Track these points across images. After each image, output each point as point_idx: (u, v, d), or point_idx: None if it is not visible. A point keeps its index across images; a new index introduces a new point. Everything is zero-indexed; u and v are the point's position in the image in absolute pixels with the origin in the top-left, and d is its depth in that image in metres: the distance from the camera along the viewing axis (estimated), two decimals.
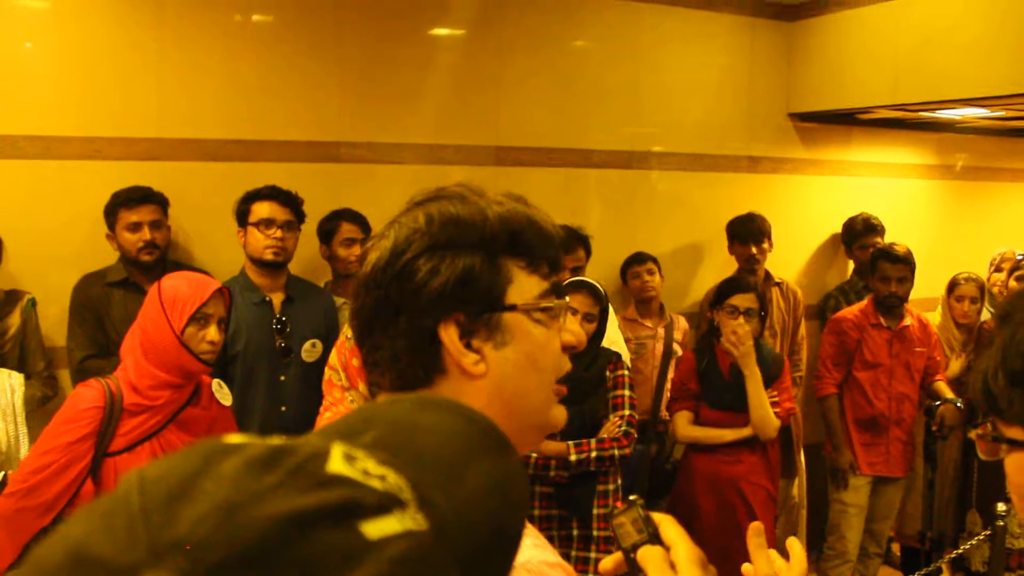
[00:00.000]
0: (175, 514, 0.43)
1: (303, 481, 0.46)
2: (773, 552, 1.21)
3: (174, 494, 0.44)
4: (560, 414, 1.11)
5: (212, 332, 2.49)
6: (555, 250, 1.09)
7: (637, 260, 4.60)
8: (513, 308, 1.04)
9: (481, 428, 0.59)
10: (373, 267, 1.04)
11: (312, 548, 0.43)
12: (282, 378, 3.46)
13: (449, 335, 1.01)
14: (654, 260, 4.60)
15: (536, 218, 1.07)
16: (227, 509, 0.43)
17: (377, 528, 0.46)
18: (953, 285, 4.83)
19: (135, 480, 0.46)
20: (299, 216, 3.56)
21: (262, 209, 3.47)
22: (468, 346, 1.02)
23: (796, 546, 1.25)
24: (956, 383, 4.62)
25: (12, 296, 3.45)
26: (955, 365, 4.75)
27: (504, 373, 1.03)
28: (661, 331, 4.53)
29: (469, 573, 0.51)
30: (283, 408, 3.46)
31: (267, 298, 3.48)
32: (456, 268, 1.01)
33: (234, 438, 0.50)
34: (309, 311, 3.57)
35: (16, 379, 3.07)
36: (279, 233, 3.46)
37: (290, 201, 3.52)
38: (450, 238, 1.01)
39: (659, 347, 4.50)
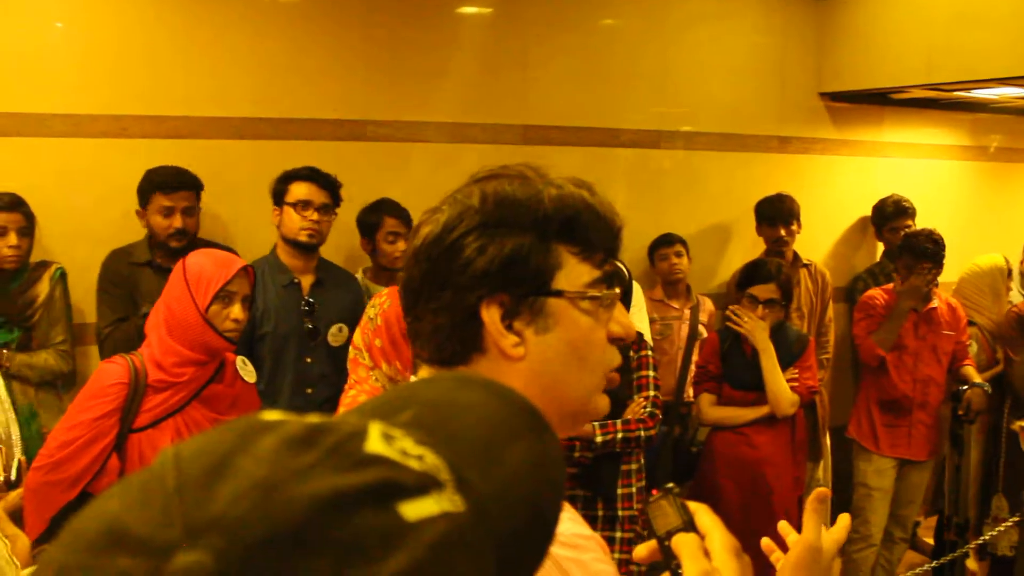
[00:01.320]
0: (211, 492, 0.43)
1: (341, 460, 0.46)
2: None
3: (210, 471, 0.44)
4: (603, 404, 1.10)
5: (236, 310, 2.50)
6: (612, 240, 1.07)
7: (666, 242, 4.57)
8: (560, 294, 1.02)
9: (520, 408, 0.58)
10: (424, 240, 1.04)
11: (351, 529, 0.43)
12: (309, 360, 3.47)
13: (491, 314, 1.01)
14: (683, 242, 4.56)
15: (595, 205, 1.06)
16: (265, 488, 0.43)
17: (416, 509, 0.45)
18: None
19: (171, 457, 0.46)
20: (336, 199, 3.55)
21: (300, 190, 3.45)
22: (509, 328, 1.02)
23: (844, 519, 1.28)
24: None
25: (41, 266, 3.48)
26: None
27: (544, 359, 1.02)
28: (687, 312, 4.51)
29: (506, 554, 0.51)
30: (309, 391, 3.47)
31: (296, 280, 3.49)
32: (504, 248, 1.00)
33: (271, 415, 0.49)
34: (338, 295, 3.56)
35: None
36: (316, 216, 3.46)
37: (329, 184, 3.51)
38: (501, 218, 1.01)
39: (685, 328, 4.49)
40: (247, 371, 2.67)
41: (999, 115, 5.75)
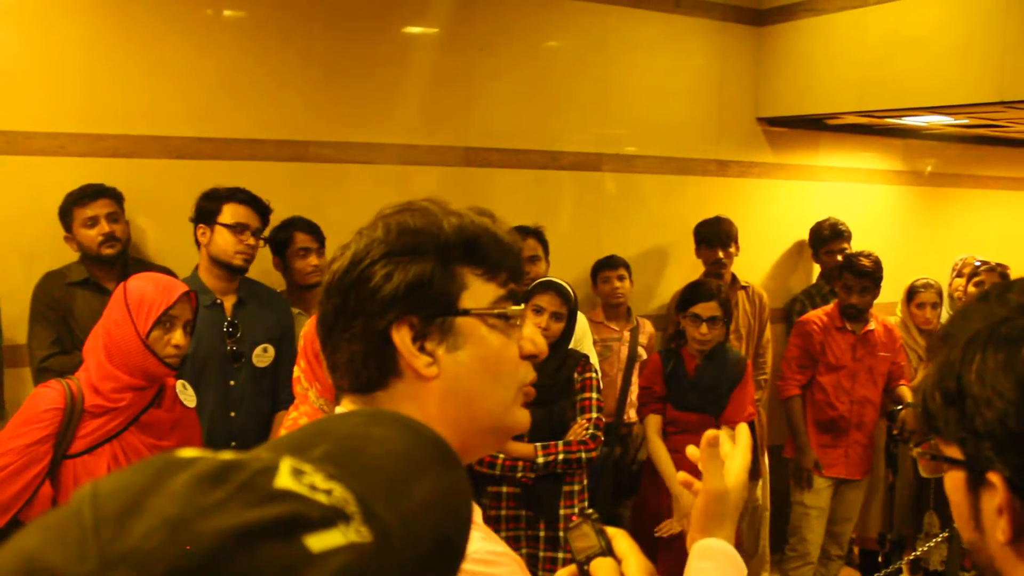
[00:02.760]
0: (125, 528, 0.45)
1: (250, 496, 0.48)
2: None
3: (125, 508, 0.46)
4: (523, 417, 1.14)
5: (178, 336, 2.46)
6: (514, 259, 1.14)
7: (609, 265, 4.59)
8: (466, 313, 1.08)
9: (429, 442, 0.61)
10: (334, 274, 1.10)
11: (256, 561, 0.45)
12: (232, 383, 3.39)
13: (401, 337, 1.06)
14: (626, 266, 4.59)
15: (493, 229, 1.12)
16: (175, 524, 0.45)
17: (321, 541, 0.48)
18: (912, 292, 4.89)
19: (88, 494, 0.48)
20: (266, 224, 3.51)
21: (238, 212, 3.38)
22: (421, 349, 1.07)
23: (742, 433, 1.37)
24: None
25: None
26: (922, 374, 4.79)
27: (457, 375, 1.08)
28: (627, 335, 4.55)
29: None
30: (232, 414, 3.38)
31: (218, 300, 3.40)
32: (409, 273, 1.06)
33: (187, 452, 0.51)
34: (261, 315, 3.49)
35: None
36: (252, 240, 3.40)
37: (261, 208, 3.46)
38: (405, 246, 1.07)
39: (625, 350, 4.52)
40: (187, 395, 2.63)
41: (930, 141, 5.92)
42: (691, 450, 1.37)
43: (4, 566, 0.45)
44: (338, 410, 1.14)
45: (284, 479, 0.50)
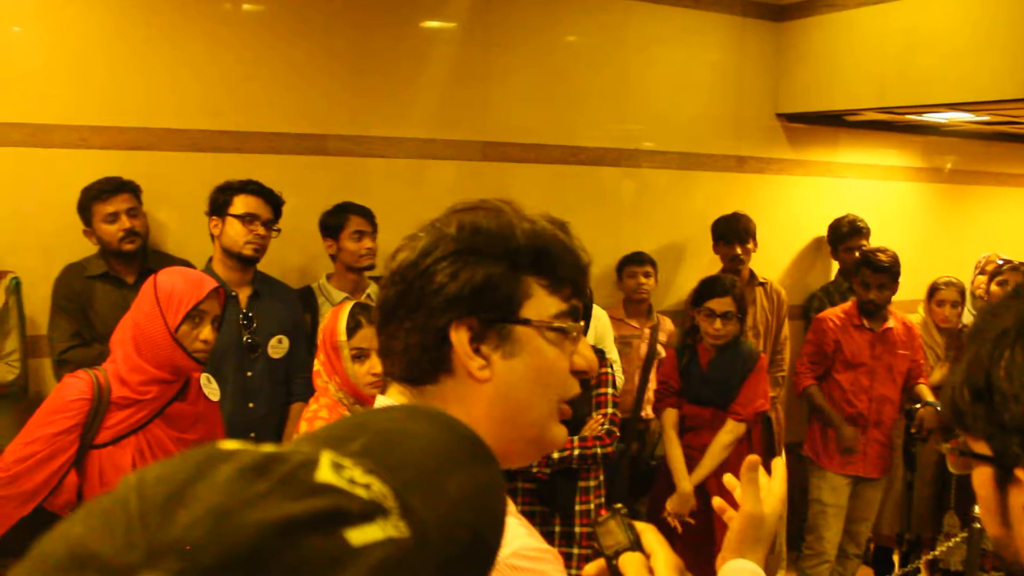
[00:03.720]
0: (171, 517, 0.46)
1: (293, 489, 0.48)
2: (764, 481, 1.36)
3: (170, 498, 0.47)
4: (560, 433, 1.15)
5: (207, 331, 2.47)
6: (580, 275, 1.14)
7: (636, 261, 4.58)
8: (527, 322, 1.08)
9: (465, 439, 0.61)
10: (400, 263, 1.10)
11: (299, 553, 0.46)
12: (249, 374, 3.43)
13: (459, 337, 1.06)
14: (652, 263, 4.58)
15: (564, 241, 1.12)
16: (220, 514, 0.46)
17: (361, 535, 0.48)
18: (933, 290, 4.86)
19: (134, 483, 0.48)
20: (278, 216, 3.52)
21: (248, 203, 3.42)
22: (477, 351, 1.07)
23: (778, 466, 1.40)
24: (938, 390, 4.64)
25: None
26: (938, 373, 4.77)
27: (508, 382, 1.08)
28: (647, 332, 4.53)
29: None
30: (251, 404, 3.43)
31: (233, 293, 3.43)
32: (476, 275, 1.06)
33: (229, 444, 0.52)
34: (275, 307, 3.53)
35: None
36: (262, 230, 3.43)
37: (273, 200, 3.49)
38: (476, 246, 1.07)
39: (644, 347, 4.51)
40: (211, 389, 2.63)
41: (950, 138, 5.87)
42: (728, 479, 1.42)
43: (52, 553, 0.46)
44: (383, 399, 1.15)
45: (325, 473, 0.50)
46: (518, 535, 1.02)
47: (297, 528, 0.46)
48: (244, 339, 3.42)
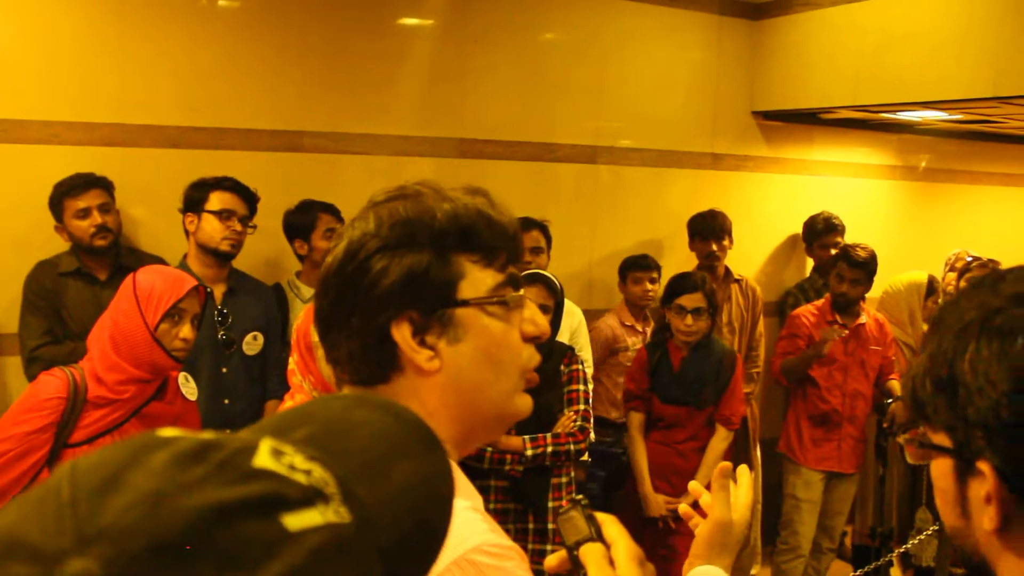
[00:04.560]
0: (102, 504, 0.45)
1: (228, 474, 0.48)
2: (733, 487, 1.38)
3: (103, 485, 0.46)
4: (525, 403, 1.13)
5: (186, 329, 2.45)
6: (511, 241, 1.11)
7: (641, 266, 4.52)
8: (466, 303, 1.06)
9: (411, 426, 0.61)
10: (327, 270, 1.07)
11: (232, 538, 0.46)
12: (224, 370, 3.44)
13: (402, 333, 1.04)
14: (658, 267, 4.54)
15: (488, 212, 1.09)
16: (152, 500, 0.45)
17: (298, 520, 0.48)
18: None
19: (67, 471, 0.48)
20: (253, 212, 3.53)
21: (224, 199, 3.43)
22: (422, 343, 1.05)
23: (744, 475, 1.41)
24: None
25: None
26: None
27: (459, 367, 1.06)
28: (648, 333, 4.53)
29: (393, 565, 0.53)
30: (226, 401, 3.43)
31: (208, 289, 3.42)
32: (404, 267, 1.03)
33: (167, 432, 0.52)
34: (250, 304, 3.55)
35: None
36: (238, 226, 3.44)
37: (249, 196, 3.50)
38: (399, 238, 1.04)
39: None
40: (189, 388, 2.61)
41: (924, 136, 5.92)
42: (693, 486, 1.44)
43: None
44: None
45: (263, 459, 0.50)
46: (479, 531, 1.01)
47: (231, 513, 0.46)
48: (219, 336, 3.42)
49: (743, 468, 1.41)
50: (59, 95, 3.66)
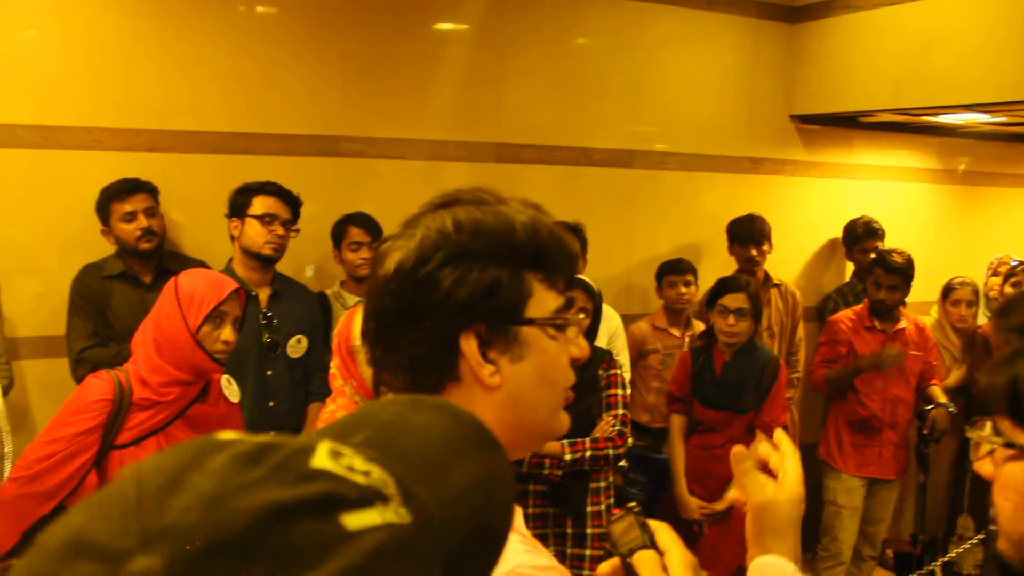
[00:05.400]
0: (165, 504, 0.46)
1: (286, 475, 0.49)
2: (761, 476, 1.23)
3: (166, 486, 0.47)
4: (564, 421, 1.12)
5: (227, 332, 2.47)
6: (572, 265, 1.10)
7: (676, 269, 4.52)
8: (532, 322, 1.04)
9: (469, 428, 0.61)
10: (397, 270, 1.03)
11: (291, 537, 0.46)
12: (269, 373, 3.47)
13: (470, 346, 1.02)
14: (693, 271, 4.53)
15: (558, 233, 1.08)
16: (213, 500, 0.46)
17: (357, 520, 0.48)
18: (948, 290, 4.84)
19: (132, 472, 0.49)
20: (296, 216, 3.57)
21: (267, 204, 3.47)
22: (485, 357, 1.03)
23: (783, 441, 1.25)
24: (954, 392, 4.61)
25: None
26: (955, 374, 4.74)
27: (519, 386, 1.04)
28: (687, 340, 4.51)
29: (453, 567, 0.53)
30: (270, 403, 3.47)
31: (253, 293, 3.46)
32: (483, 279, 1.01)
33: (225, 435, 0.52)
34: (295, 307, 3.58)
35: None
36: (281, 230, 3.48)
37: (291, 201, 3.54)
38: (480, 247, 1.01)
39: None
40: (232, 390, 2.64)
41: (966, 139, 5.84)
42: (733, 495, 1.31)
43: (51, 541, 0.47)
44: None
45: (321, 460, 0.51)
46: (514, 552, 0.98)
47: (290, 512, 0.47)
48: (264, 339, 3.45)
49: (779, 432, 1.27)
50: (102, 102, 3.71)
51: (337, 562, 0.46)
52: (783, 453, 1.24)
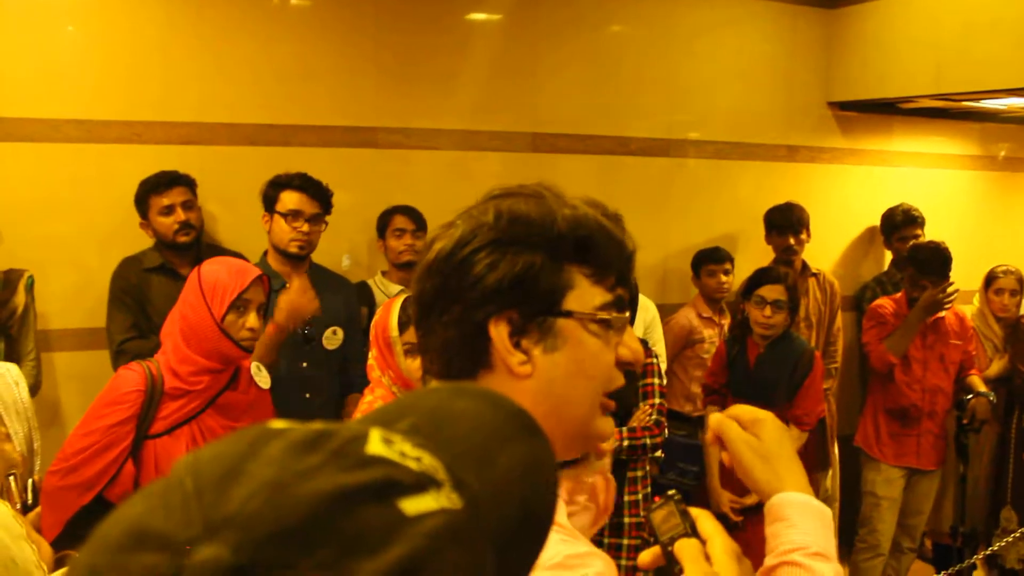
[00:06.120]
0: (226, 493, 0.47)
1: (344, 461, 0.49)
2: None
3: (225, 475, 0.48)
4: (607, 426, 1.10)
5: (252, 319, 2.51)
6: (625, 263, 1.08)
7: (715, 258, 4.53)
8: (569, 315, 1.03)
9: (512, 414, 0.61)
10: (437, 255, 1.04)
11: (354, 522, 0.47)
12: (304, 365, 3.47)
13: (499, 332, 1.02)
14: (731, 259, 4.53)
15: (609, 227, 1.06)
16: (273, 487, 0.47)
17: (414, 505, 0.49)
18: (991, 278, 4.77)
19: (189, 463, 0.50)
20: (327, 208, 3.52)
21: (291, 199, 3.44)
22: (517, 345, 1.03)
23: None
24: (995, 382, 4.55)
25: (12, 275, 3.43)
26: (997, 365, 4.68)
27: (551, 378, 1.03)
28: (725, 328, 4.49)
29: (502, 551, 0.54)
30: (307, 395, 3.47)
31: (288, 285, 3.44)
32: (515, 265, 1.01)
33: (278, 424, 0.53)
34: (330, 299, 3.54)
35: (14, 373, 2.89)
36: (306, 227, 3.44)
37: (319, 193, 3.48)
38: (514, 235, 1.02)
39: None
40: (261, 377, 2.67)
41: (1008, 124, 5.75)
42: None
43: (113, 534, 0.47)
44: None
45: (375, 446, 0.51)
46: (551, 542, 0.98)
47: (351, 498, 0.47)
48: (300, 330, 3.45)
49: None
50: (142, 96, 3.75)
51: (401, 547, 0.47)
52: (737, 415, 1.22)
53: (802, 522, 1.10)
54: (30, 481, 2.24)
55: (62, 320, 3.69)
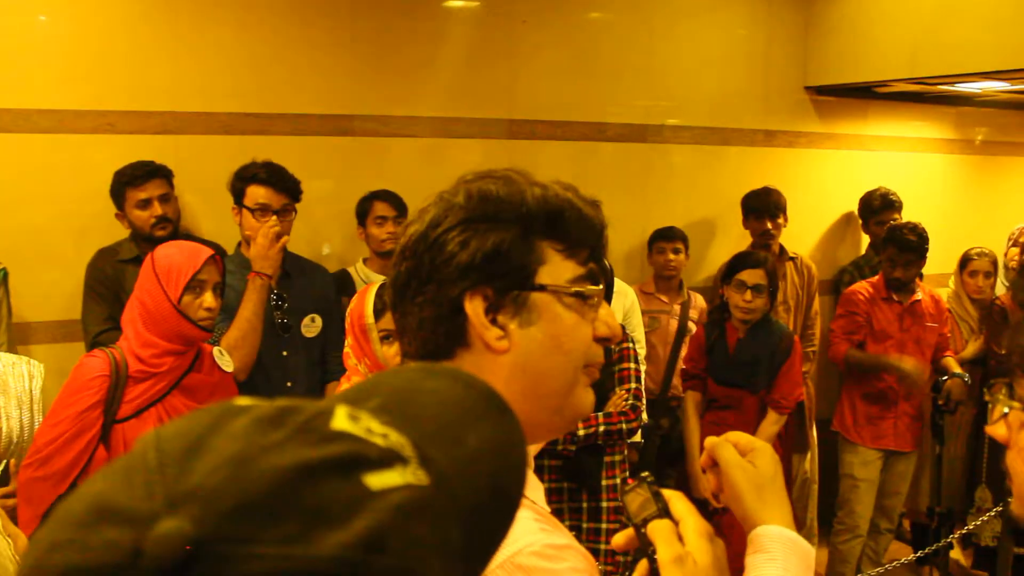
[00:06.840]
0: (189, 467, 0.47)
1: (308, 436, 0.50)
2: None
3: (188, 450, 0.48)
4: (587, 398, 1.12)
5: (208, 299, 2.54)
6: (596, 238, 1.11)
7: (666, 236, 4.54)
8: (542, 288, 1.06)
9: (481, 393, 0.62)
10: (410, 238, 1.08)
11: (317, 496, 0.47)
12: (284, 353, 3.45)
13: (474, 308, 1.04)
14: (684, 239, 4.54)
15: (577, 204, 1.09)
16: (237, 461, 0.47)
17: (379, 480, 0.49)
18: (966, 260, 4.81)
19: (152, 439, 0.50)
20: (295, 197, 3.43)
21: (258, 193, 3.35)
22: (493, 321, 1.05)
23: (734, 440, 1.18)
24: (971, 363, 4.59)
25: None
26: (972, 346, 4.72)
27: (528, 351, 1.05)
28: (677, 308, 4.51)
29: (470, 529, 0.55)
30: (289, 384, 3.45)
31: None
32: (486, 242, 1.03)
33: (243, 400, 0.53)
34: (306, 287, 3.53)
35: (36, 368, 2.84)
36: (273, 220, 3.33)
37: (286, 186, 3.38)
38: (485, 214, 1.05)
39: (674, 323, 4.49)
40: (224, 360, 2.72)
41: (984, 108, 5.78)
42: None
43: (73, 510, 0.47)
44: None
45: (341, 422, 0.51)
46: (529, 531, 0.98)
47: (315, 472, 0.48)
48: (277, 319, 3.44)
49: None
50: (113, 84, 3.72)
51: (363, 520, 0.47)
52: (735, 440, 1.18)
53: (785, 559, 1.08)
54: (2, 464, 2.24)
55: (37, 313, 3.67)
